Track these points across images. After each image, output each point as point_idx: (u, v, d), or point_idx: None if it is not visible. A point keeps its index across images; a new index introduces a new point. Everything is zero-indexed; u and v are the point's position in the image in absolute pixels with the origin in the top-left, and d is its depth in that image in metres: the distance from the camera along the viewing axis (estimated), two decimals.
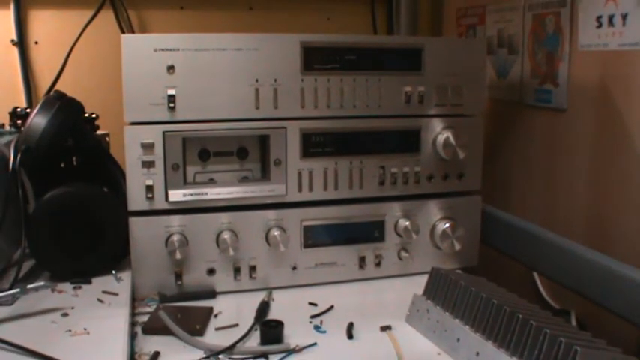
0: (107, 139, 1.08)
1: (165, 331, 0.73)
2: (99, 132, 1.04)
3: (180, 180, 0.84)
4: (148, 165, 0.82)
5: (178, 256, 0.82)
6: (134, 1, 1.26)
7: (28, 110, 0.99)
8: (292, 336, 0.72)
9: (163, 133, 0.82)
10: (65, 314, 0.73)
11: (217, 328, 0.76)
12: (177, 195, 0.83)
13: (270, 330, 0.72)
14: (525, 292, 0.94)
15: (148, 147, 0.81)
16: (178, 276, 0.85)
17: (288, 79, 0.85)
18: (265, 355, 0.69)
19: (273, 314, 0.80)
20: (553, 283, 0.95)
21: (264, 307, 0.80)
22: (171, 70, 0.81)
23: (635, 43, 0.80)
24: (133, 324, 0.75)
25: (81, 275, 0.84)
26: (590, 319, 0.90)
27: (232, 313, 0.81)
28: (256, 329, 0.75)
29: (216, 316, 0.80)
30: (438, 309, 0.73)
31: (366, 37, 1.28)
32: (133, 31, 1.25)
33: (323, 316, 0.80)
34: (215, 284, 0.86)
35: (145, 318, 0.77)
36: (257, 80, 0.84)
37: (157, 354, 0.69)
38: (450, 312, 0.72)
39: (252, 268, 0.87)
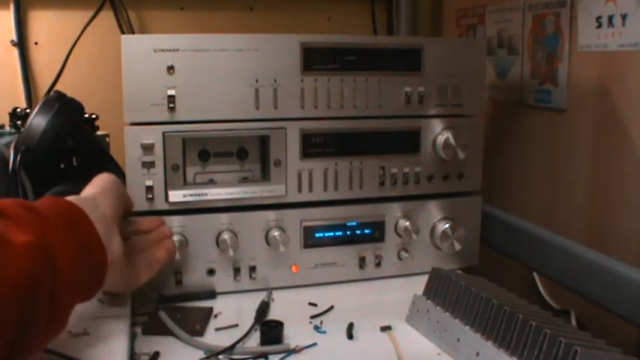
0: (107, 139, 1.08)
1: (165, 331, 0.73)
2: (99, 132, 1.03)
3: (180, 180, 0.84)
4: (148, 165, 0.82)
5: (178, 256, 0.82)
6: (134, 2, 1.26)
7: (28, 111, 0.99)
8: (292, 336, 0.72)
9: (163, 133, 0.82)
10: None
11: (217, 329, 0.76)
12: (177, 195, 0.83)
13: (270, 330, 0.72)
14: (525, 292, 0.95)
15: (147, 147, 0.81)
16: (178, 276, 0.85)
17: (288, 80, 0.85)
18: (265, 355, 0.69)
19: (273, 315, 0.80)
20: (553, 283, 0.95)
21: (264, 308, 0.80)
22: (171, 71, 0.81)
23: (635, 44, 0.80)
24: (133, 324, 0.75)
25: None
26: (590, 319, 0.90)
27: (232, 313, 0.81)
28: (256, 330, 0.75)
29: (216, 316, 0.80)
30: (438, 309, 0.73)
31: (366, 37, 1.28)
32: (133, 32, 1.25)
33: (323, 316, 0.80)
34: (215, 284, 0.86)
35: (145, 318, 0.77)
36: (257, 80, 0.84)
37: (156, 354, 0.69)
38: (450, 312, 0.72)
39: (252, 269, 0.87)
